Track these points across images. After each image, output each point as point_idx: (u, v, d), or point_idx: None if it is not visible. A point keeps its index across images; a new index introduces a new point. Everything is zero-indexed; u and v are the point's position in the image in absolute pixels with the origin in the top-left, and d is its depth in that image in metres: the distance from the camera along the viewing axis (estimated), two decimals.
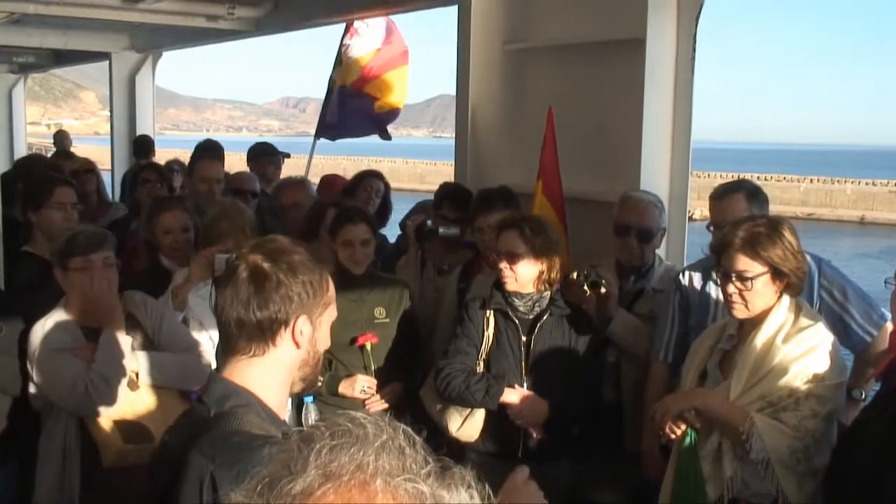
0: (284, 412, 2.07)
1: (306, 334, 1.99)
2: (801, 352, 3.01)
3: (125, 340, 3.51)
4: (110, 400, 3.37)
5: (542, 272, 3.80)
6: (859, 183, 51.25)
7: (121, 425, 3.38)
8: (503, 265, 3.80)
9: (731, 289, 3.06)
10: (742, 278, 3.02)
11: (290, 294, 1.95)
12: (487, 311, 3.86)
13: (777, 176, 53.87)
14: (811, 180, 52.79)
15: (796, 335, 3.03)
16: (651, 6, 4.49)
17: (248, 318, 1.94)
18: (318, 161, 7.63)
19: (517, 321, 3.82)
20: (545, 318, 3.82)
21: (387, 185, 5.99)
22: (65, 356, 3.41)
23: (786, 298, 3.07)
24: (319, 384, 4.05)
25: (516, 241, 3.77)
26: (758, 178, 50.56)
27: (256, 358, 1.98)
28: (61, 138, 13.03)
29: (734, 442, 3.00)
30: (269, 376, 1.99)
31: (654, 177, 4.60)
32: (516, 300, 3.83)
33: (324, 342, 2.07)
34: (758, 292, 3.03)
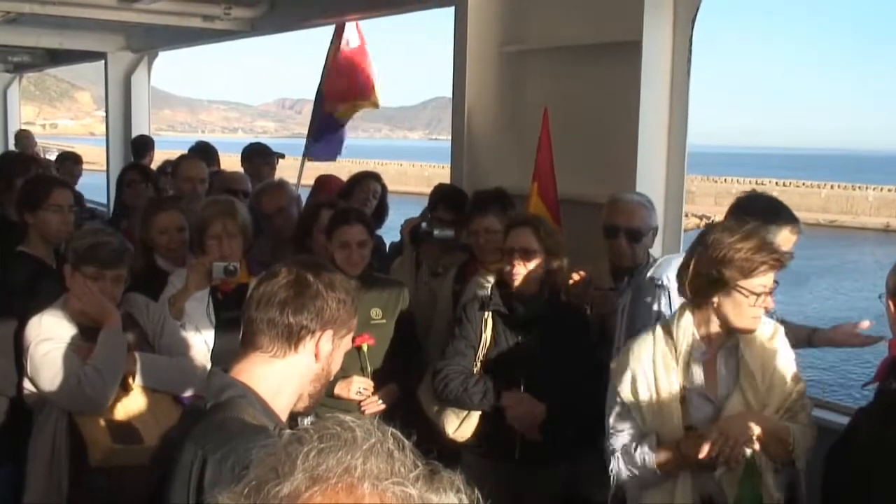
0: (285, 417, 2.09)
1: (327, 350, 2.06)
2: (788, 350, 3.01)
3: (123, 340, 3.51)
4: (102, 395, 3.37)
5: (549, 273, 3.80)
6: (881, 189, 49.79)
7: (111, 425, 3.38)
8: (516, 262, 3.78)
9: (764, 305, 2.90)
10: (770, 291, 2.91)
11: (325, 306, 2.03)
12: (486, 313, 3.86)
13: (796, 182, 52.69)
14: (831, 186, 51.30)
15: (777, 332, 3.02)
16: (647, 9, 4.50)
17: (280, 320, 2.01)
18: (323, 165, 7.65)
19: (516, 322, 3.82)
20: (544, 319, 3.81)
21: (384, 187, 5.99)
22: (60, 348, 3.42)
23: None
24: None
25: (530, 239, 3.78)
26: (776, 183, 49.82)
27: (275, 359, 2.03)
28: (22, 138, 11.32)
29: (775, 457, 2.91)
30: (281, 379, 2.04)
31: (650, 178, 4.61)
32: (516, 301, 3.83)
33: (336, 365, 2.14)
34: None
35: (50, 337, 3.44)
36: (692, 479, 2.94)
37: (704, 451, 2.81)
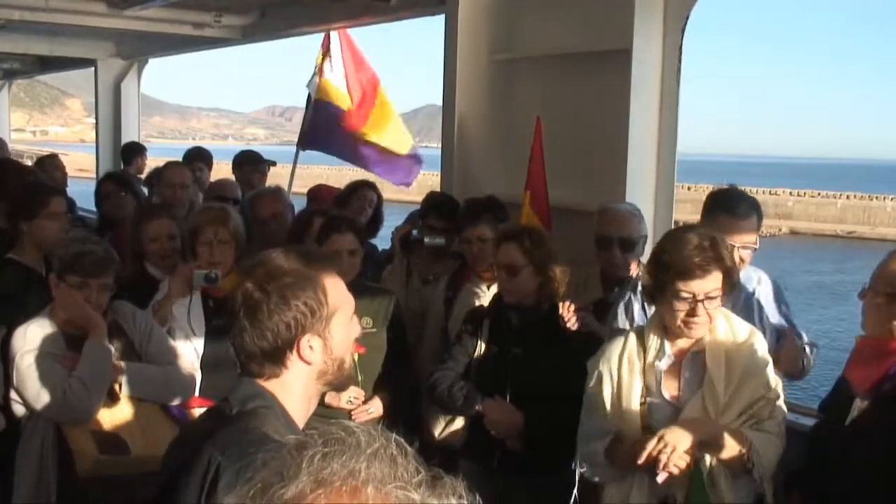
0: (303, 422, 2.06)
1: (317, 349, 1.99)
2: (763, 356, 3.00)
3: (108, 351, 3.49)
4: (88, 407, 3.35)
5: (541, 284, 3.80)
6: None
7: (97, 436, 3.36)
8: (503, 278, 3.80)
9: (700, 312, 2.89)
10: (711, 297, 2.89)
11: (284, 320, 1.94)
12: (484, 321, 3.89)
13: (812, 192, 51.29)
14: (848, 196, 49.66)
15: (751, 338, 3.01)
16: (637, 17, 4.53)
17: (252, 348, 1.97)
18: (322, 171, 7.62)
19: (511, 333, 3.82)
20: (539, 330, 3.82)
21: (379, 196, 5.99)
22: (46, 360, 3.40)
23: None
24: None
25: (516, 254, 3.76)
26: (790, 193, 49.01)
27: (273, 379, 2.00)
28: None
29: (728, 465, 2.89)
30: (287, 391, 2.01)
31: (640, 187, 4.63)
32: (511, 312, 3.84)
33: (341, 346, 2.04)
34: (718, 303, 2.96)
35: (35, 348, 3.42)
36: (649, 481, 2.95)
37: (642, 458, 2.85)
